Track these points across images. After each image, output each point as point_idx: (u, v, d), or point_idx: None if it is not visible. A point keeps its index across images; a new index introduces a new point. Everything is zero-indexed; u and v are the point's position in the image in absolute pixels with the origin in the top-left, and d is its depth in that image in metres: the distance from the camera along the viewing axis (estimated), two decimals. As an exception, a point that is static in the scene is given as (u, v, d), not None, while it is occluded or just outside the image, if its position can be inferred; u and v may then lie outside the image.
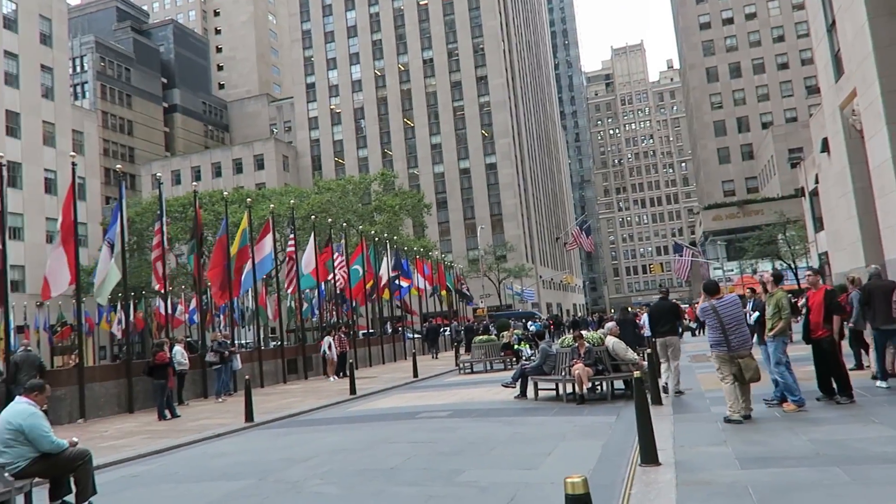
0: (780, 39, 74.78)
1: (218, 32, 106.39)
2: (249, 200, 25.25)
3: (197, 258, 20.17)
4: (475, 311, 54.01)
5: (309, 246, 25.92)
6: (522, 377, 13.18)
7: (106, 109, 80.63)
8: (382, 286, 30.85)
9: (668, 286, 16.26)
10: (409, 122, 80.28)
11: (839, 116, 19.13)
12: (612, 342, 12.20)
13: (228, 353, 18.03)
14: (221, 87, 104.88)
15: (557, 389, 12.70)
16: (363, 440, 9.71)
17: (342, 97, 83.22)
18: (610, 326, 13.24)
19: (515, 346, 21.80)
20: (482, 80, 78.23)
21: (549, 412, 11.18)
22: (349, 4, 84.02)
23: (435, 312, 43.29)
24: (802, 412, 8.49)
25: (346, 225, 33.74)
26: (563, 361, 12.32)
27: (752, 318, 10.43)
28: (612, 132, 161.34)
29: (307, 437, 10.60)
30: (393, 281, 31.88)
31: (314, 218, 30.50)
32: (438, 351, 33.65)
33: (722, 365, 8.37)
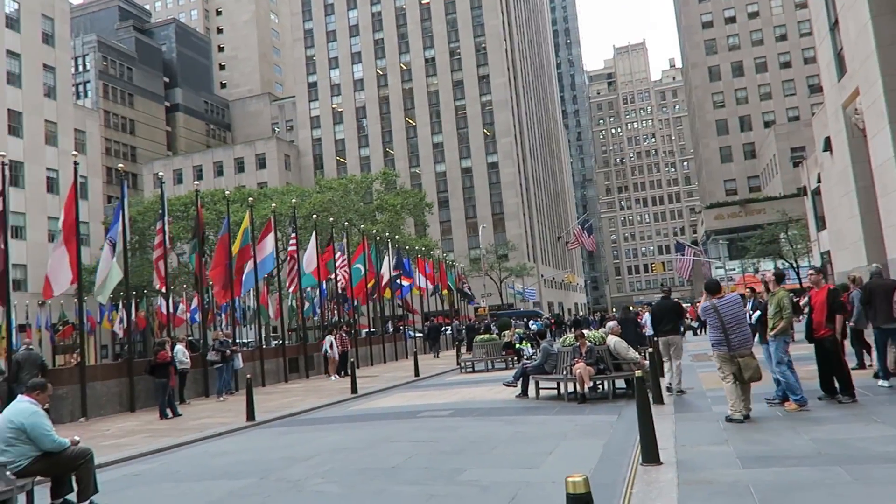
0: (782, 38, 74.67)
1: (220, 32, 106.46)
2: (251, 199, 25.24)
3: (198, 257, 20.17)
4: (476, 310, 54.00)
5: (310, 245, 25.93)
6: (524, 376, 13.18)
7: (108, 108, 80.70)
8: (384, 285, 30.87)
9: (670, 285, 16.21)
10: (410, 121, 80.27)
11: (842, 115, 19.10)
12: (613, 341, 12.20)
13: (230, 352, 18.06)
14: (223, 86, 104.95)
15: (559, 388, 12.70)
16: (364, 439, 9.71)
17: (344, 96, 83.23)
18: (611, 326, 13.25)
19: (517, 345, 21.80)
20: (484, 79, 78.20)
21: (550, 411, 11.18)
22: (351, 3, 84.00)
23: (436, 311, 43.30)
24: (804, 411, 8.48)
25: (347, 224, 33.74)
26: (564, 360, 12.31)
27: (753, 317, 10.42)
28: (613, 131, 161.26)
29: (308, 435, 10.60)
30: (394, 280, 31.89)
31: (316, 217, 30.53)
32: (440, 350, 33.68)
33: (723, 364, 8.37)
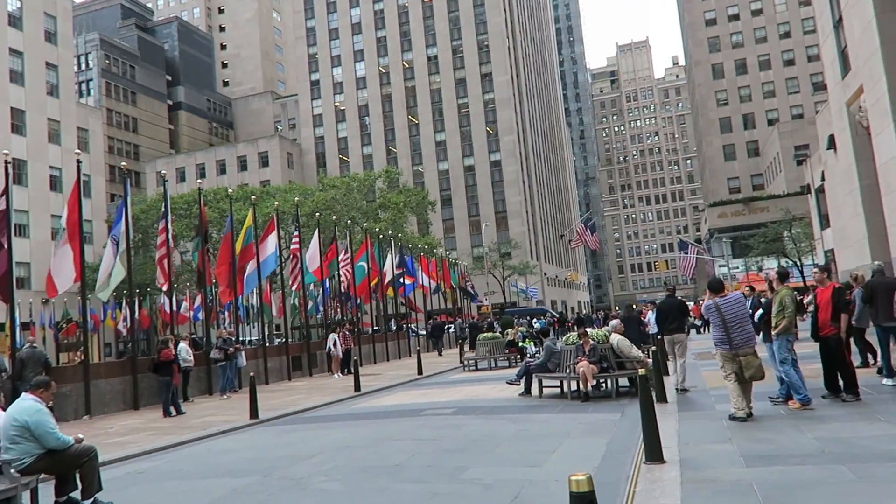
0: (786, 36, 74.46)
1: (222, 30, 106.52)
2: (254, 198, 25.24)
3: (201, 255, 20.17)
4: (479, 308, 54.00)
5: (313, 242, 25.91)
6: (527, 374, 13.18)
7: (111, 107, 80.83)
8: (387, 284, 30.88)
9: (674, 284, 16.18)
10: (413, 119, 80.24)
11: (846, 113, 19.04)
12: (616, 339, 12.19)
13: (233, 349, 18.08)
14: (226, 84, 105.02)
15: (562, 387, 12.69)
16: (368, 437, 9.71)
17: (346, 94, 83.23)
18: (615, 324, 13.23)
19: (520, 343, 21.81)
20: (487, 76, 78.14)
21: (553, 410, 11.18)
22: (353, 1, 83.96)
23: (439, 310, 43.32)
24: (808, 410, 8.46)
25: (350, 222, 33.75)
26: (567, 359, 12.31)
27: (755, 316, 10.39)
28: (617, 129, 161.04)
29: (312, 433, 10.61)
30: (397, 279, 31.90)
31: (318, 215, 30.54)
32: (443, 348, 33.70)
33: (725, 363, 8.35)
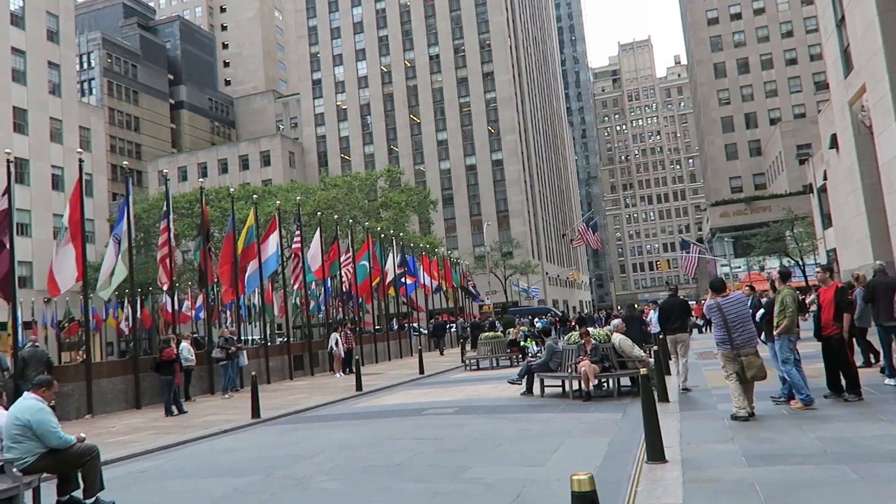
0: (788, 35, 74.35)
1: (224, 29, 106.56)
2: (256, 197, 25.27)
3: (203, 254, 20.15)
4: (481, 307, 54.00)
5: (314, 242, 25.90)
6: (528, 374, 13.18)
7: (113, 106, 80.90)
8: (388, 283, 30.87)
9: (675, 283, 16.23)
10: (415, 118, 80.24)
11: (848, 112, 19.02)
12: (618, 339, 12.17)
13: (234, 349, 18.09)
14: (228, 83, 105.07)
15: (563, 386, 12.68)
16: (369, 437, 9.72)
17: (348, 93, 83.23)
18: (616, 323, 13.22)
19: (521, 342, 21.80)
20: (488, 76, 78.10)
21: (555, 409, 11.18)
22: (355, 0, 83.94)
23: (441, 309, 43.34)
24: (810, 410, 8.44)
25: (352, 221, 33.77)
26: (569, 358, 12.30)
27: (756, 315, 10.35)
28: (618, 128, 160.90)
29: (313, 433, 10.61)
30: (399, 278, 31.90)
31: (320, 214, 30.56)
32: (444, 347, 33.71)
33: (727, 363, 8.34)
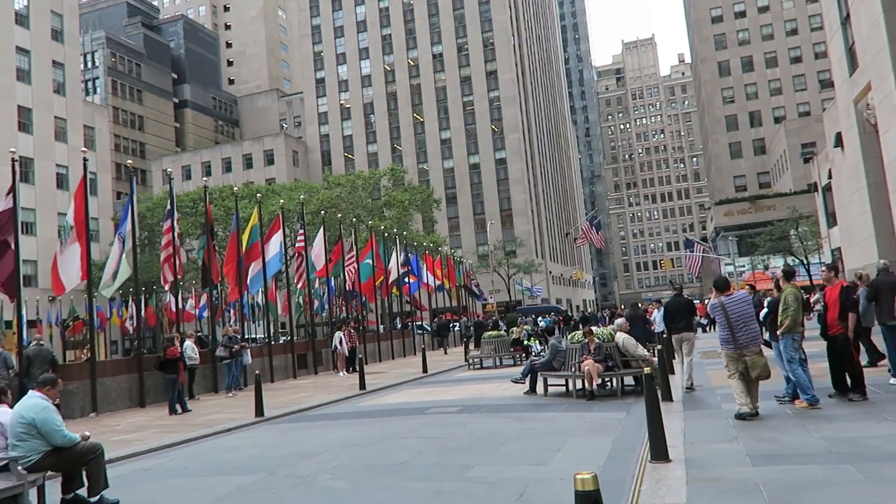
0: (793, 33, 74.10)
1: (228, 28, 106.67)
2: (259, 196, 25.31)
3: (207, 253, 20.17)
4: (485, 306, 54.00)
5: (318, 240, 25.91)
6: (532, 373, 13.17)
7: (117, 105, 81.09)
8: (391, 283, 30.87)
9: (680, 282, 16.21)
10: (418, 117, 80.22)
11: (853, 111, 18.94)
12: (622, 338, 12.16)
13: (238, 347, 18.11)
14: (231, 82, 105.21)
15: (567, 385, 12.68)
16: (373, 435, 9.72)
17: (352, 92, 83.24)
18: (620, 322, 13.20)
19: (525, 341, 21.79)
20: (492, 74, 78.02)
21: (558, 408, 11.17)
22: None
23: (445, 308, 43.35)
24: (815, 409, 8.41)
25: (355, 220, 33.77)
26: (572, 357, 12.30)
27: (761, 315, 10.32)
28: (622, 127, 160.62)
29: (317, 431, 10.63)
30: (402, 278, 31.90)
31: (324, 213, 30.56)
32: (448, 346, 33.72)
33: (730, 362, 8.31)
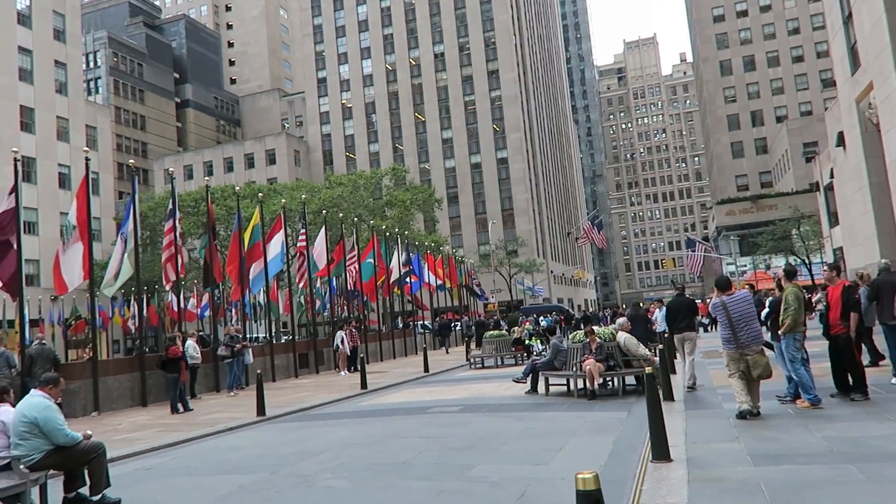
0: (795, 32, 74.00)
1: (230, 27, 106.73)
2: (261, 195, 25.31)
3: (209, 253, 20.17)
4: (486, 306, 54.02)
5: (319, 239, 25.89)
6: (533, 372, 13.17)
7: (119, 105, 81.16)
8: (392, 283, 30.87)
9: (682, 282, 16.21)
10: (420, 116, 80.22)
11: (855, 110, 18.92)
12: (623, 338, 12.16)
13: (240, 346, 18.12)
14: (233, 82, 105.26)
15: (568, 385, 12.68)
16: (374, 434, 9.73)
17: (353, 92, 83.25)
18: (621, 322, 13.20)
19: (526, 341, 21.78)
20: (494, 74, 77.99)
21: (560, 408, 11.17)
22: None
23: (446, 308, 43.36)
24: (816, 409, 8.40)
25: (357, 220, 33.78)
26: (574, 357, 12.29)
27: (762, 314, 10.31)
28: (624, 126, 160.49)
29: (318, 431, 10.64)
30: (404, 277, 31.90)
31: (325, 213, 30.58)
32: (449, 346, 33.74)
33: (731, 362, 8.30)
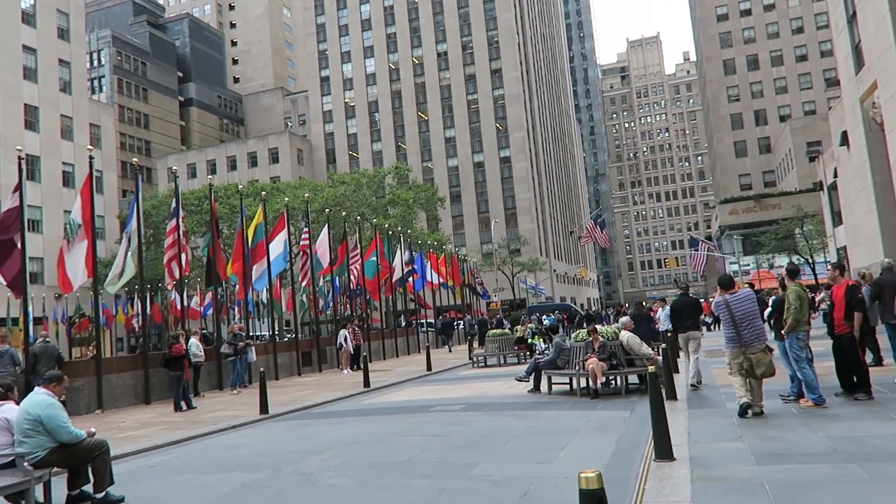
0: (798, 31, 73.83)
1: (233, 26, 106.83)
2: (264, 194, 25.32)
3: (212, 251, 20.18)
4: (489, 304, 54.02)
5: (323, 239, 25.89)
6: (536, 371, 13.17)
7: (122, 103, 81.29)
8: (395, 282, 30.87)
9: (686, 281, 16.19)
10: (423, 115, 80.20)
11: (859, 109, 18.88)
12: (626, 337, 12.15)
13: (242, 344, 18.14)
14: (236, 80, 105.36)
15: (571, 384, 12.67)
16: (377, 433, 9.74)
17: (356, 90, 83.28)
18: (624, 321, 13.19)
19: (529, 340, 21.77)
20: (496, 73, 77.95)
21: (562, 406, 11.16)
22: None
23: (449, 306, 43.38)
24: (820, 409, 8.38)
25: (360, 218, 33.78)
26: (576, 356, 12.29)
27: (765, 313, 10.30)
28: (627, 125, 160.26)
29: (321, 429, 10.65)
30: (407, 277, 31.90)
31: (328, 211, 30.59)
32: (452, 345, 33.75)
33: (733, 360, 8.29)
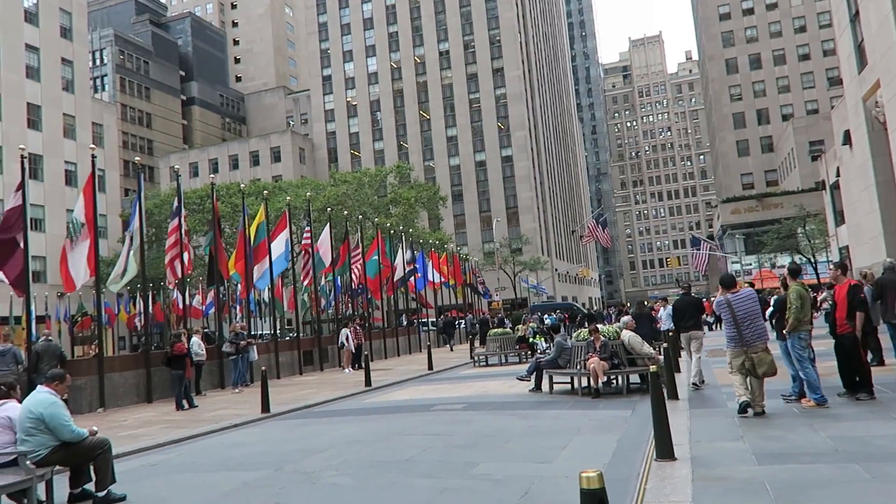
0: (801, 30, 73.71)
1: (235, 25, 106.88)
2: (266, 193, 25.31)
3: (214, 250, 20.20)
4: (490, 304, 54.02)
5: (324, 236, 25.89)
6: (537, 370, 13.17)
7: (125, 102, 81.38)
8: (396, 281, 30.88)
9: (688, 281, 16.19)
10: (424, 114, 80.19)
11: (862, 108, 18.83)
12: (627, 336, 12.14)
13: (244, 343, 18.16)
14: (238, 79, 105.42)
15: (572, 383, 12.67)
16: (378, 432, 9.75)
17: (358, 89, 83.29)
18: (626, 320, 13.18)
19: (530, 339, 21.78)
20: (498, 72, 77.92)
21: (564, 406, 11.17)
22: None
23: (451, 305, 43.39)
24: (821, 408, 8.37)
25: (361, 217, 33.80)
26: (578, 355, 12.29)
27: (766, 313, 10.29)
28: (629, 124, 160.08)
29: (323, 428, 10.66)
30: (408, 276, 31.91)
31: (330, 210, 30.61)
32: (454, 344, 33.75)
33: (734, 359, 8.29)
